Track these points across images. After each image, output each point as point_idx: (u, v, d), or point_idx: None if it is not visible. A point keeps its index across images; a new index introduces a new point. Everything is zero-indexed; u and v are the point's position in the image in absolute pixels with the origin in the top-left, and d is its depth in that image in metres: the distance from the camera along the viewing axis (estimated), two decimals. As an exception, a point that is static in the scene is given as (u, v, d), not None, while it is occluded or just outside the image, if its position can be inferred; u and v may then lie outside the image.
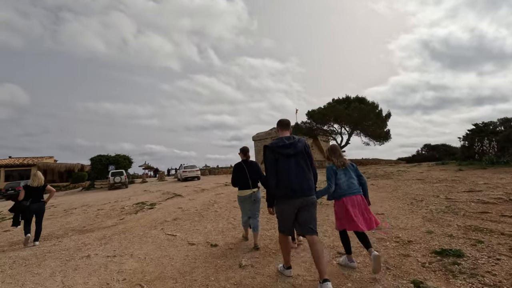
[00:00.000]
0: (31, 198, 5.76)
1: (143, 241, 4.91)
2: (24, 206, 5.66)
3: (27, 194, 5.77)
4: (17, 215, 5.69)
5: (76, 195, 19.70)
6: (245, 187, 4.22)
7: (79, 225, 7.50)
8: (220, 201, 9.29)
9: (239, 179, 4.28)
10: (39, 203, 5.87)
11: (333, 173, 3.16)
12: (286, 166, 2.79)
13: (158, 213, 8.16)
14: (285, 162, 2.80)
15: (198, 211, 7.64)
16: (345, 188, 3.09)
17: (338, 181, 3.13)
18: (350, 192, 3.06)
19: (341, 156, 3.24)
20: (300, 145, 2.86)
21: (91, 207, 11.19)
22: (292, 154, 2.81)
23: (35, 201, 5.79)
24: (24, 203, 5.67)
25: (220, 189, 13.69)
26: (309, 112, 30.17)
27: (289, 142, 2.85)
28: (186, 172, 22.20)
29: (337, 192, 3.12)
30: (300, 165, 2.81)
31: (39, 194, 5.90)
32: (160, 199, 11.67)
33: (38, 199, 5.86)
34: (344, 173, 3.16)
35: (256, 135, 44.57)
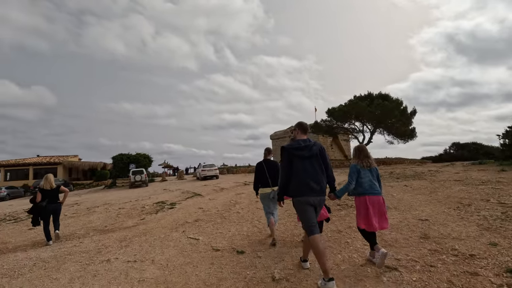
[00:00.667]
0: (47, 199, 5.90)
1: (164, 245, 4.63)
2: (42, 207, 5.80)
3: (43, 196, 5.90)
4: (35, 216, 5.86)
5: (99, 193, 20.10)
6: (265, 185, 4.47)
7: (100, 224, 7.41)
8: (241, 201, 8.96)
9: (260, 178, 4.53)
10: (56, 204, 6.04)
11: (355, 172, 3.25)
12: (301, 167, 2.97)
13: (178, 213, 7.94)
14: (300, 163, 2.98)
15: (219, 212, 7.33)
16: (367, 187, 3.18)
17: (361, 179, 3.22)
18: (371, 192, 3.16)
19: (368, 157, 3.32)
20: (315, 148, 3.02)
21: (113, 206, 11.21)
22: (307, 156, 2.98)
23: (51, 202, 5.95)
24: (41, 204, 5.81)
25: (240, 188, 13.38)
26: (329, 110, 29.28)
27: (305, 145, 3.02)
28: (205, 171, 22.14)
29: (359, 190, 3.23)
30: (314, 167, 2.97)
31: (54, 195, 6.05)
32: (180, 199, 11.52)
33: (54, 200, 6.02)
34: (368, 174, 3.25)
35: (274, 133, 44.09)
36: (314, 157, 2.99)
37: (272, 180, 4.38)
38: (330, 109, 29.25)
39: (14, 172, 30.27)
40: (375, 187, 3.19)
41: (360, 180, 3.22)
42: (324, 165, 3.03)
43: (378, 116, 24.81)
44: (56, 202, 6.07)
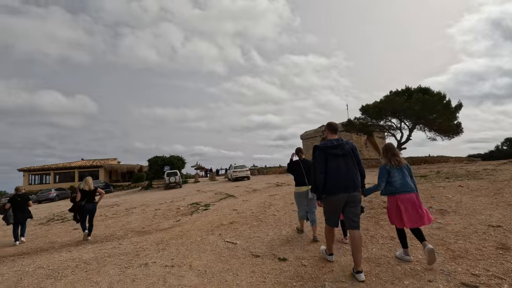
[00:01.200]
0: (86, 199, 6.53)
1: (201, 249, 4.46)
2: (81, 206, 6.45)
3: (82, 196, 6.53)
4: (75, 214, 6.59)
5: (137, 194, 20.93)
6: (301, 184, 4.57)
7: (138, 225, 7.51)
8: (276, 203, 8.64)
9: (296, 177, 4.66)
10: (93, 204, 6.67)
11: (385, 173, 3.28)
12: (334, 165, 3.07)
13: (213, 215, 7.82)
14: (333, 161, 3.08)
15: (254, 214, 7.08)
16: (398, 186, 3.19)
17: (391, 179, 3.24)
18: (403, 191, 3.16)
19: (396, 156, 3.32)
20: (347, 146, 3.15)
21: (149, 207, 11.47)
22: (340, 154, 3.10)
23: (89, 202, 6.57)
24: (80, 203, 6.46)
25: (273, 189, 13.07)
26: (363, 107, 27.91)
27: (337, 144, 3.14)
28: (236, 172, 22.15)
29: (390, 190, 3.24)
30: (347, 165, 3.08)
31: (91, 196, 6.67)
32: (214, 200, 11.48)
33: (91, 200, 6.64)
34: (398, 172, 3.24)
35: (305, 133, 43.21)
36: (347, 155, 3.12)
37: (308, 179, 4.44)
38: (364, 106, 27.89)
39: (62, 175, 32.77)
40: (407, 185, 3.19)
41: (391, 180, 3.24)
42: (357, 162, 3.17)
43: (418, 112, 23.11)
44: (93, 202, 6.67)
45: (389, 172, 3.26)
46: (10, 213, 6.95)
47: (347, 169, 3.05)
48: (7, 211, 6.96)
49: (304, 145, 43.52)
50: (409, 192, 3.15)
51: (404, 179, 3.20)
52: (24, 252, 5.79)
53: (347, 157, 3.11)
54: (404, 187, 3.16)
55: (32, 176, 31.87)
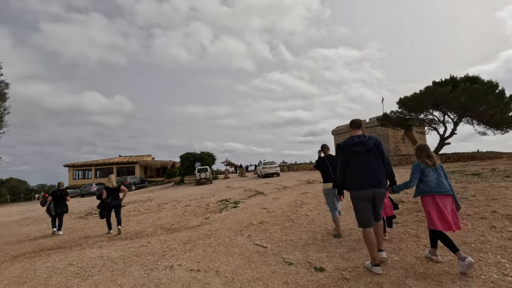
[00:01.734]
0: (111, 196, 6.92)
1: (229, 252, 4.16)
2: (107, 203, 6.86)
3: (108, 193, 6.91)
4: (102, 210, 6.98)
5: (169, 189, 21.48)
6: (328, 180, 4.60)
7: (167, 222, 7.46)
8: (308, 202, 8.15)
9: (323, 173, 4.76)
10: (117, 200, 7.00)
11: (418, 169, 3.16)
12: (356, 162, 3.09)
13: (242, 213, 7.55)
14: (355, 158, 3.10)
15: (285, 214, 6.67)
16: (433, 186, 3.04)
17: (426, 178, 3.11)
18: (438, 191, 3.01)
19: (431, 157, 3.16)
20: (370, 142, 3.10)
21: (180, 203, 11.54)
22: (362, 151, 3.08)
23: (114, 199, 6.95)
24: (106, 200, 6.86)
25: (304, 187, 12.53)
26: (401, 100, 26.07)
27: (359, 141, 3.12)
28: (265, 169, 21.83)
29: (424, 189, 3.10)
30: (370, 161, 3.05)
31: (116, 193, 7.02)
32: (243, 197, 11.25)
33: (116, 197, 7.00)
34: (434, 172, 3.11)
35: (336, 129, 41.69)
36: (369, 152, 3.09)
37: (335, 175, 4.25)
38: (402, 98, 26.04)
39: (102, 170, 34.85)
40: (444, 186, 3.03)
41: (425, 179, 3.10)
42: (381, 158, 3.10)
43: (465, 103, 21.04)
44: (117, 199, 7.01)
45: (423, 170, 3.13)
46: (52, 206, 7.60)
47: (369, 166, 3.05)
48: (50, 204, 7.65)
49: (335, 140, 42.02)
50: (445, 193, 3.00)
51: (439, 179, 3.06)
52: (60, 246, 5.95)
53: (369, 153, 3.10)
54: (440, 188, 3.01)
55: (76, 172, 34.33)
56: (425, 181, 3.09)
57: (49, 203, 7.66)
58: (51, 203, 7.61)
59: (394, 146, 34.06)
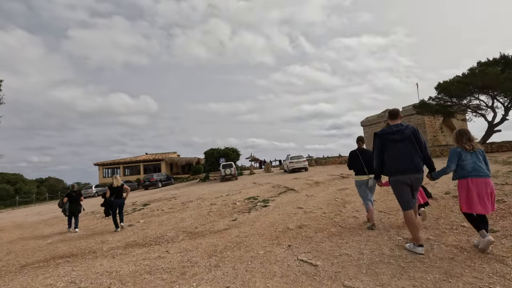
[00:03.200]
0: (115, 195, 7.25)
1: (267, 271, 3.16)
2: (110, 201, 7.14)
3: (111, 192, 7.27)
4: (107, 208, 7.29)
5: (195, 186, 21.02)
6: (361, 173, 4.60)
7: (191, 224, 6.64)
8: (351, 200, 6.97)
9: (355, 165, 4.71)
10: (121, 199, 7.33)
11: (455, 154, 3.18)
12: (394, 149, 3.29)
13: (274, 213, 6.54)
14: (393, 146, 3.31)
15: (327, 216, 5.57)
16: (469, 169, 3.07)
17: (462, 162, 3.12)
18: (475, 175, 3.02)
19: (471, 141, 3.17)
20: (407, 131, 3.29)
21: (205, 201, 10.79)
22: (399, 139, 3.28)
23: (117, 198, 7.27)
24: (110, 199, 7.18)
25: (339, 182, 11.27)
26: (441, 85, 23.60)
27: (396, 129, 3.33)
28: (293, 163, 20.68)
29: (461, 173, 3.12)
30: (408, 148, 3.24)
31: (119, 192, 7.34)
32: (272, 194, 10.25)
33: (119, 196, 7.32)
34: (471, 156, 3.12)
35: (366, 119, 39.35)
36: (407, 139, 3.26)
37: (368, 168, 4.48)
38: (441, 83, 23.58)
39: (129, 169, 35.48)
40: (481, 169, 3.05)
41: (462, 163, 3.13)
42: (418, 146, 3.25)
43: (521, 84, 18.46)
44: (121, 198, 7.34)
45: (460, 155, 3.16)
46: (67, 207, 8.07)
47: (407, 153, 3.21)
48: (65, 205, 8.12)
49: (365, 132, 39.68)
50: (482, 176, 3.02)
51: (476, 163, 3.08)
52: (73, 253, 5.29)
53: (407, 141, 3.24)
54: (477, 171, 3.04)
55: (105, 170, 35.19)
56: (462, 165, 3.12)
57: (64, 204, 8.12)
58: (66, 204, 8.08)
59: (432, 136, 31.29)
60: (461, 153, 3.15)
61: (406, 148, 3.22)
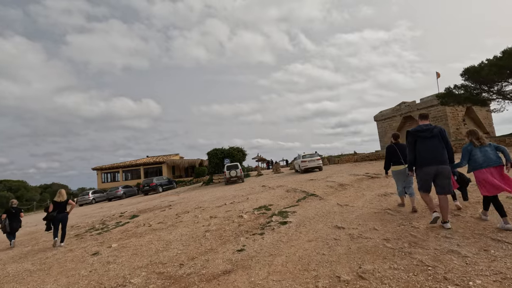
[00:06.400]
0: (58, 210, 6.86)
1: None
2: (53, 216, 6.78)
3: (54, 207, 6.88)
4: (48, 223, 6.94)
5: (197, 190, 18.87)
6: (398, 163, 5.24)
7: (175, 257, 4.41)
8: (418, 213, 4.67)
9: (392, 158, 5.34)
10: (64, 214, 6.97)
11: (466, 152, 3.87)
12: (424, 145, 3.92)
13: (301, 238, 4.29)
14: (423, 142, 3.93)
15: (397, 246, 3.30)
16: (481, 162, 3.69)
17: (474, 157, 3.77)
18: (486, 165, 3.63)
19: (480, 138, 3.80)
20: (435, 130, 3.91)
21: (204, 212, 8.59)
22: (428, 136, 3.90)
23: (60, 212, 6.89)
24: (52, 214, 6.80)
25: (372, 184, 8.96)
26: (468, 70, 21.13)
27: (426, 128, 3.95)
28: (305, 162, 18.38)
29: (474, 166, 3.77)
30: (435, 144, 3.87)
31: (63, 207, 6.99)
32: (289, 202, 8.00)
33: (62, 210, 6.96)
34: (480, 150, 3.73)
35: (380, 114, 36.77)
36: (435, 137, 3.89)
37: (404, 159, 5.06)
38: (469, 68, 21.10)
39: (130, 172, 33.54)
40: (490, 160, 3.62)
41: (473, 158, 3.77)
42: (444, 143, 3.89)
43: None
44: (64, 212, 7.01)
45: (470, 151, 3.81)
46: (7, 223, 7.69)
47: (434, 148, 3.85)
48: (4, 221, 7.70)
49: (378, 127, 37.12)
50: (492, 165, 3.60)
51: (486, 155, 3.67)
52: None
53: (435, 138, 3.88)
54: (487, 162, 3.63)
55: (104, 175, 33.31)
56: (473, 159, 3.78)
57: (4, 220, 7.72)
58: (6, 220, 7.72)
59: (454, 129, 28.56)
60: (471, 150, 3.82)
61: (433, 144, 3.88)
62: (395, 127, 33.04)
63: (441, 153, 3.80)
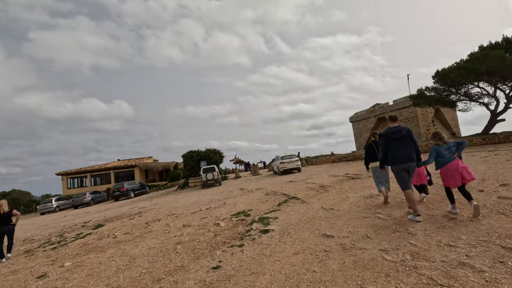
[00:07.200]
0: (1, 221, 6.46)
1: None
2: None
3: None
4: None
5: (171, 195, 17.85)
6: (375, 160, 5.71)
7: (138, 279, 3.70)
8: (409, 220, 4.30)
9: (370, 155, 5.93)
10: (8, 226, 6.59)
11: (433, 151, 4.33)
12: (395, 145, 4.39)
13: (287, 250, 3.75)
14: (394, 143, 4.40)
15: (396, 260, 2.85)
16: (447, 158, 4.16)
17: (440, 154, 4.23)
18: (449, 161, 4.13)
19: (443, 139, 4.29)
20: (404, 131, 4.37)
21: (177, 219, 7.84)
22: (399, 137, 4.37)
23: (5, 225, 6.52)
24: None
25: (355, 185, 8.66)
26: (439, 72, 21.82)
27: (396, 130, 4.41)
28: (284, 163, 18.00)
29: (440, 162, 4.23)
30: (405, 144, 4.35)
31: (6, 218, 6.55)
32: (269, 206, 7.47)
33: (7, 222, 6.56)
34: (445, 149, 4.21)
35: (355, 115, 37.49)
36: (404, 137, 4.35)
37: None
38: (440, 71, 21.81)
39: (99, 177, 31.45)
40: (451, 158, 4.14)
41: (440, 155, 4.24)
42: (412, 142, 4.34)
43: (529, 67, 16.82)
44: (9, 224, 6.58)
45: (437, 150, 4.27)
46: None
47: (404, 147, 4.33)
48: None
49: (354, 128, 37.81)
50: (452, 161, 4.11)
51: (450, 153, 4.17)
52: None
53: (404, 139, 4.34)
54: (450, 159, 4.14)
55: (70, 180, 30.94)
56: (440, 157, 4.23)
57: None
58: None
59: (425, 129, 29.70)
60: (437, 149, 4.29)
61: (403, 144, 4.34)
62: (370, 128, 33.79)
63: (410, 152, 4.30)
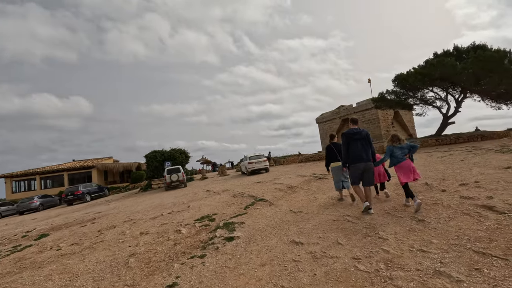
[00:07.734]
0: None
1: None
2: None
3: None
4: None
5: (131, 198, 16.67)
6: (335, 160, 6.00)
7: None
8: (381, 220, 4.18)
9: (331, 156, 6.15)
10: None
11: (388, 151, 4.77)
12: (355, 145, 4.77)
13: (253, 262, 3.40)
14: (354, 143, 4.78)
15: (369, 269, 2.64)
16: (399, 158, 4.65)
17: (394, 154, 4.71)
18: (402, 160, 4.63)
19: (399, 140, 4.74)
20: (363, 133, 4.81)
21: (134, 226, 7.14)
22: (358, 138, 4.77)
23: None
24: None
25: (323, 186, 8.59)
26: (398, 77, 22.95)
27: (356, 131, 4.83)
28: (252, 164, 17.75)
29: (394, 161, 4.71)
30: (363, 145, 4.76)
31: None
32: (236, 209, 7.09)
33: None
34: (399, 149, 4.68)
35: (320, 116, 38.51)
36: (363, 139, 4.78)
37: (340, 156, 5.70)
38: (398, 75, 22.94)
39: (50, 179, 28.65)
40: (404, 158, 4.63)
41: (394, 155, 4.70)
42: (369, 144, 4.84)
43: (476, 75, 18.26)
44: None
45: (392, 150, 4.72)
46: None
47: (362, 148, 4.73)
48: None
49: (320, 128, 38.80)
50: (404, 160, 4.62)
51: (402, 153, 4.65)
52: None
53: (363, 140, 4.76)
54: (403, 158, 4.63)
55: (15, 183, 27.74)
56: (394, 156, 4.70)
57: None
58: None
59: (385, 131, 31.37)
60: (392, 149, 4.73)
61: (362, 145, 4.74)
62: (335, 128, 34.89)
63: (368, 152, 4.72)
